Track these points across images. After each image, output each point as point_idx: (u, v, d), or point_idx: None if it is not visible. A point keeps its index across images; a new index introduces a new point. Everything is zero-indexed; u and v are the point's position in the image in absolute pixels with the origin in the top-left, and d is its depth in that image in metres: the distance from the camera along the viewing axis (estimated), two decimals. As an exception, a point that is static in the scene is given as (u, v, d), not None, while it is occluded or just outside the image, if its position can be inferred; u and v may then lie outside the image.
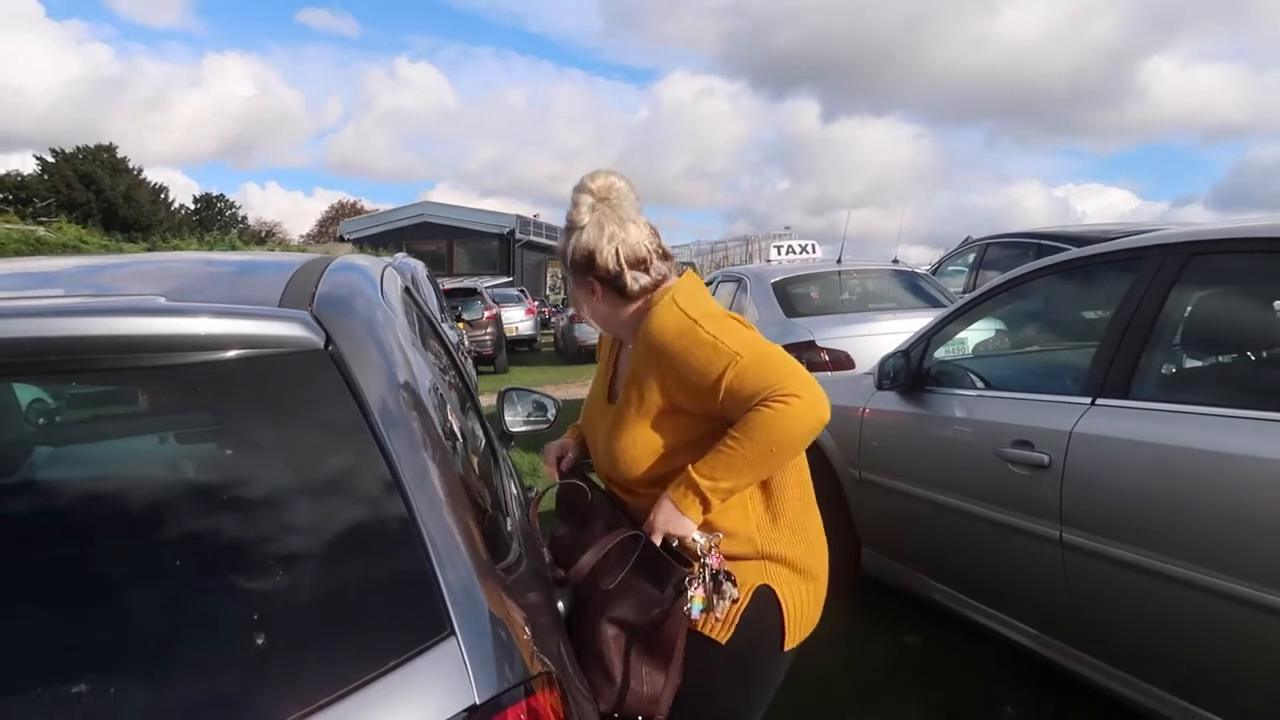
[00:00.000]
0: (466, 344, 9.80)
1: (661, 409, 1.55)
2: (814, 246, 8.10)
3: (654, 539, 1.51)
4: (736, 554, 1.56)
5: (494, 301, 15.68)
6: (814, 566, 1.63)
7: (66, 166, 36.23)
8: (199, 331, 1.00)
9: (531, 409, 2.64)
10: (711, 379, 1.48)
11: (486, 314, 14.13)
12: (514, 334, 17.33)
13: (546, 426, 2.64)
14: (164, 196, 41.24)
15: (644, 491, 1.58)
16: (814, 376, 1.50)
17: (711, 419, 1.53)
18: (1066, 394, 2.44)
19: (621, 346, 1.75)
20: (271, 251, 11.84)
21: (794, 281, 6.27)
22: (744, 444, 1.45)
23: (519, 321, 18.30)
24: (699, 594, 1.44)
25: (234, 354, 1.01)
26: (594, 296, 1.63)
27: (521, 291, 21.88)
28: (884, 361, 3.28)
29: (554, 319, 21.80)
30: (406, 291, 1.78)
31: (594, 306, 1.65)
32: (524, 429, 2.61)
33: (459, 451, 1.25)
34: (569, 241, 1.60)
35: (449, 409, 1.36)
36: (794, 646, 1.61)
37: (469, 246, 36.54)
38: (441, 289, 10.57)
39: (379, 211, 41.04)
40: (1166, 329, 2.29)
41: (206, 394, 1.07)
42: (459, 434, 1.34)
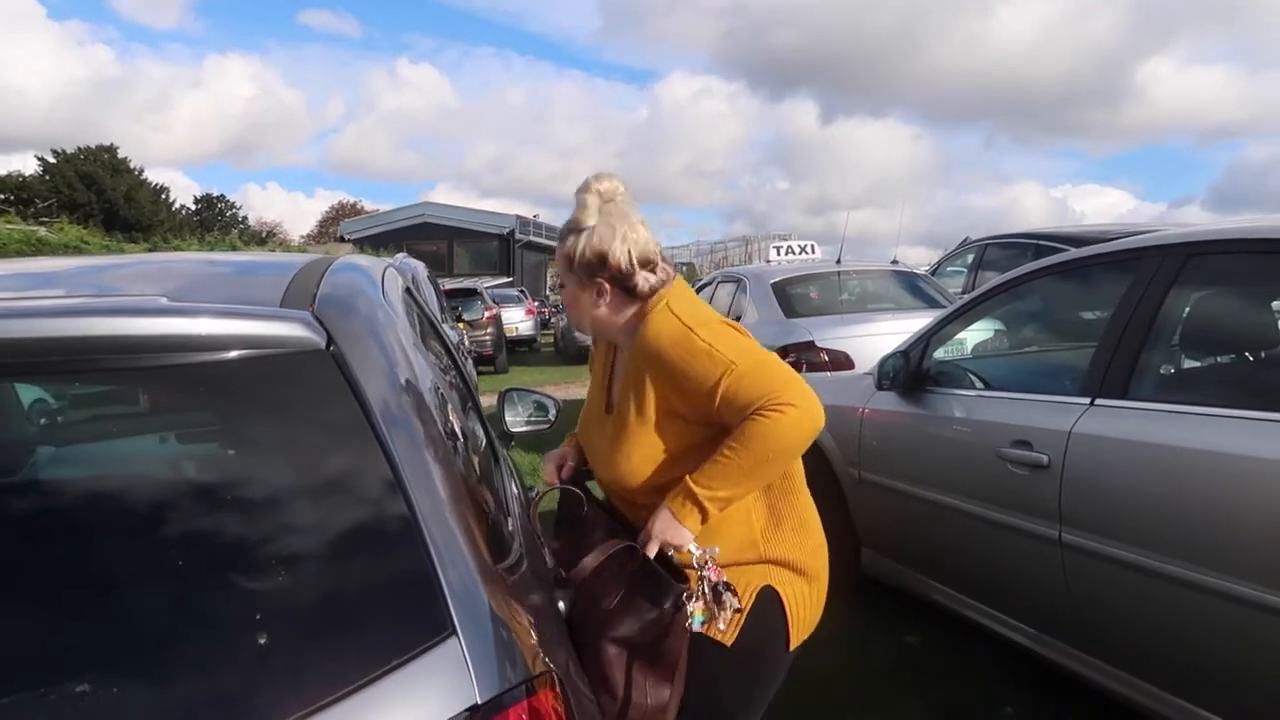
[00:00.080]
0: (467, 344, 9.80)
1: (659, 416, 1.56)
2: (813, 247, 8.10)
3: (650, 548, 1.51)
4: (741, 560, 1.57)
5: (494, 302, 15.68)
6: (815, 566, 1.64)
7: (68, 167, 36.22)
8: (201, 332, 1.00)
9: (532, 409, 2.65)
10: (707, 387, 1.48)
11: (487, 314, 14.13)
12: (514, 334, 17.32)
13: (547, 427, 2.64)
14: (165, 197, 41.24)
15: (645, 501, 1.59)
16: (813, 377, 1.51)
17: (710, 425, 1.53)
18: (1065, 394, 2.45)
19: (616, 356, 1.74)
20: (272, 252, 11.84)
21: (793, 282, 6.27)
22: (741, 453, 1.46)
23: (519, 322, 18.29)
24: (699, 606, 1.45)
25: (236, 354, 1.01)
26: (600, 299, 1.61)
27: (521, 292, 21.87)
28: (883, 362, 3.28)
29: (554, 319, 21.80)
30: (407, 292, 1.78)
31: (597, 310, 1.63)
32: (524, 429, 2.62)
33: (460, 452, 1.26)
34: (577, 242, 1.58)
35: (450, 409, 1.36)
36: (796, 646, 1.62)
37: (469, 247, 36.52)
38: (442, 289, 10.57)
39: (379, 212, 41.00)
40: (1165, 329, 2.29)
41: (208, 394, 1.07)
42: (460, 434, 1.35)
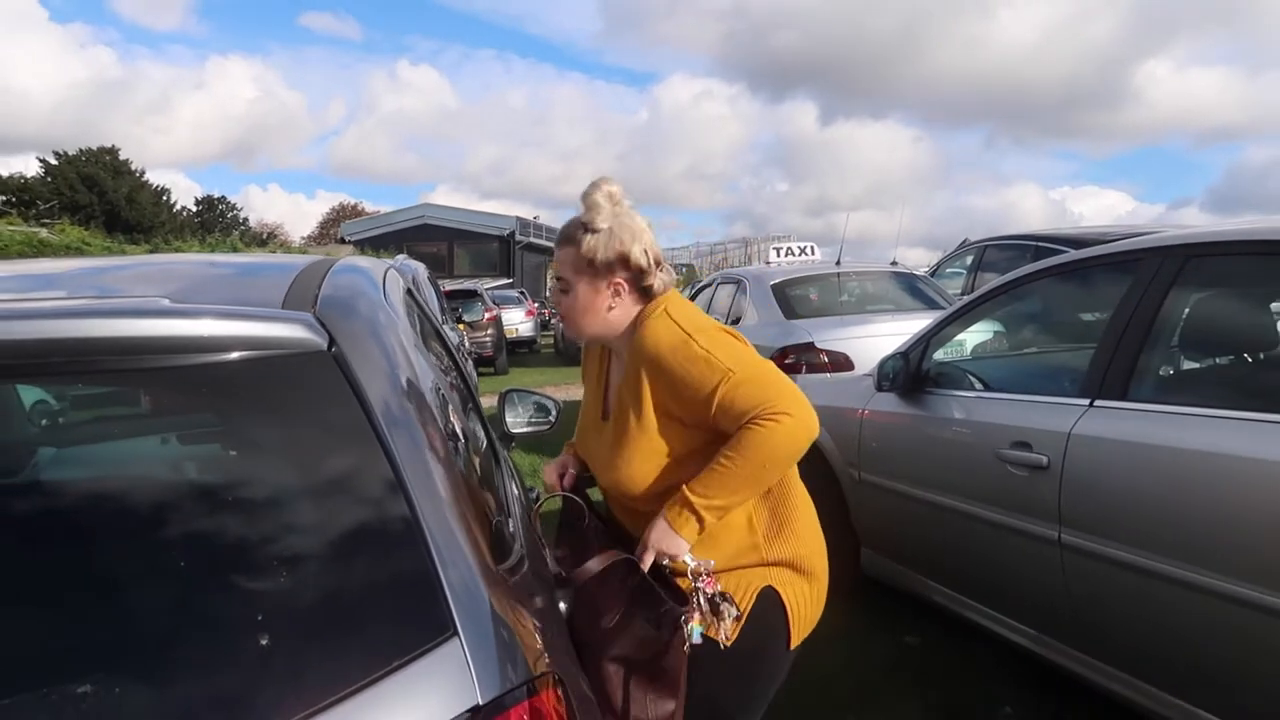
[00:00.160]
0: (467, 345, 9.80)
1: (658, 421, 1.57)
2: (813, 248, 8.10)
3: (646, 558, 1.52)
4: (743, 564, 1.58)
5: (494, 303, 15.68)
6: (815, 565, 1.65)
7: (69, 169, 36.22)
8: (203, 333, 1.01)
9: (532, 410, 2.65)
10: (705, 394, 1.50)
11: (487, 315, 14.13)
12: (514, 335, 17.32)
13: (548, 428, 2.64)
14: (166, 199, 41.24)
15: (646, 508, 1.59)
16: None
17: (708, 430, 1.54)
18: (1065, 395, 2.45)
19: (611, 362, 1.75)
20: (273, 254, 11.84)
21: (793, 283, 6.27)
22: (737, 461, 1.48)
23: (519, 323, 18.28)
24: (696, 619, 1.46)
25: (237, 355, 1.01)
26: (616, 298, 1.61)
27: (521, 293, 21.87)
28: (883, 363, 3.28)
29: (554, 320, 21.79)
30: (408, 293, 1.78)
31: (610, 311, 1.62)
32: (525, 430, 2.62)
33: (461, 453, 1.26)
34: (595, 241, 1.57)
35: (451, 410, 1.37)
36: (797, 645, 1.63)
37: (469, 248, 36.52)
38: (442, 290, 10.57)
39: (380, 213, 41.02)
40: (1164, 331, 2.30)
41: (210, 395, 1.07)
42: (461, 435, 1.35)
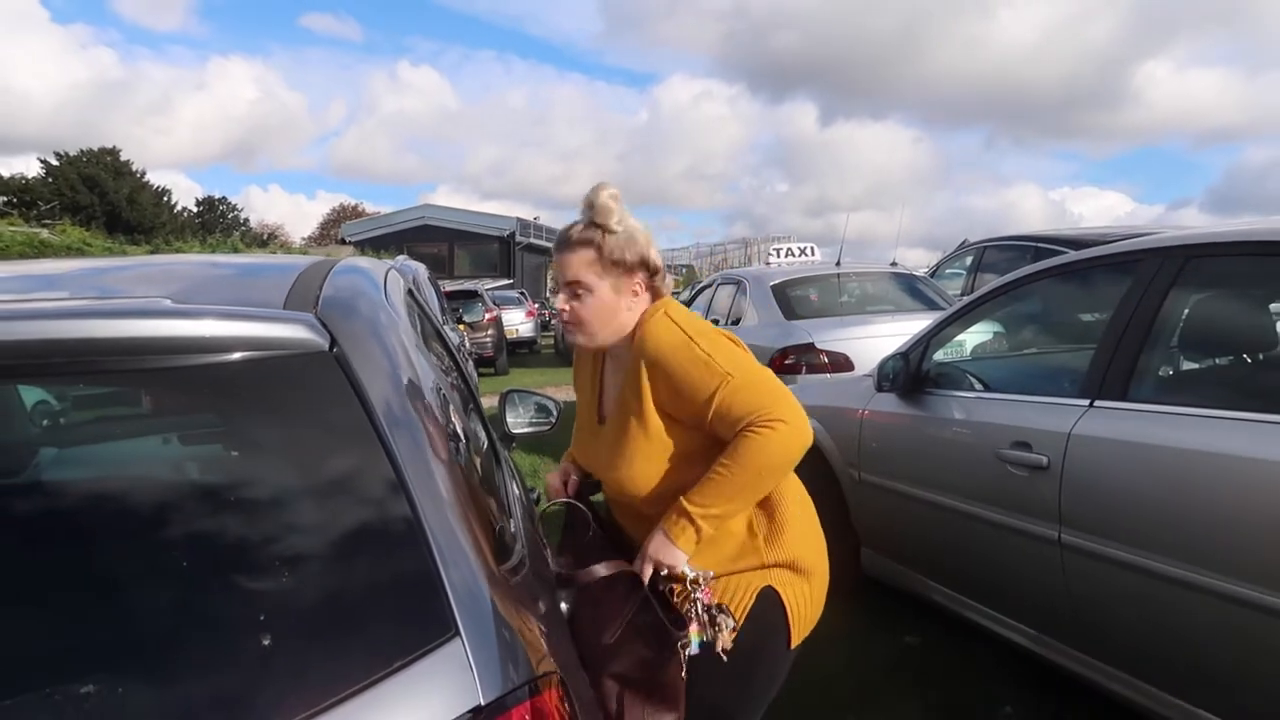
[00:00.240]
0: (467, 346, 9.80)
1: (659, 422, 1.58)
2: (813, 249, 8.11)
3: (645, 569, 1.53)
4: (744, 567, 1.59)
5: (495, 304, 15.68)
6: (815, 565, 1.66)
7: (70, 169, 36.22)
8: (204, 334, 1.01)
9: (533, 411, 2.65)
10: (703, 397, 1.51)
11: (487, 316, 14.13)
12: (514, 336, 17.32)
13: (548, 428, 2.64)
14: (167, 199, 41.24)
15: (649, 511, 1.60)
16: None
17: (706, 431, 1.56)
18: (1065, 396, 2.45)
19: (606, 366, 1.75)
20: (274, 254, 11.85)
21: (793, 284, 6.27)
22: (733, 470, 1.49)
23: (519, 324, 18.28)
24: (694, 629, 1.48)
25: (239, 356, 1.02)
26: (635, 299, 1.62)
27: (522, 294, 21.86)
28: (883, 364, 3.28)
29: (554, 321, 21.78)
30: (409, 294, 1.79)
31: (628, 313, 1.62)
32: (526, 430, 2.62)
33: (462, 453, 1.26)
34: (615, 242, 1.58)
35: (452, 410, 1.37)
36: (798, 644, 1.64)
37: (470, 249, 36.51)
38: (442, 291, 10.57)
39: (380, 214, 41.00)
40: (1164, 331, 2.30)
41: (212, 396, 1.08)
42: (462, 435, 1.35)
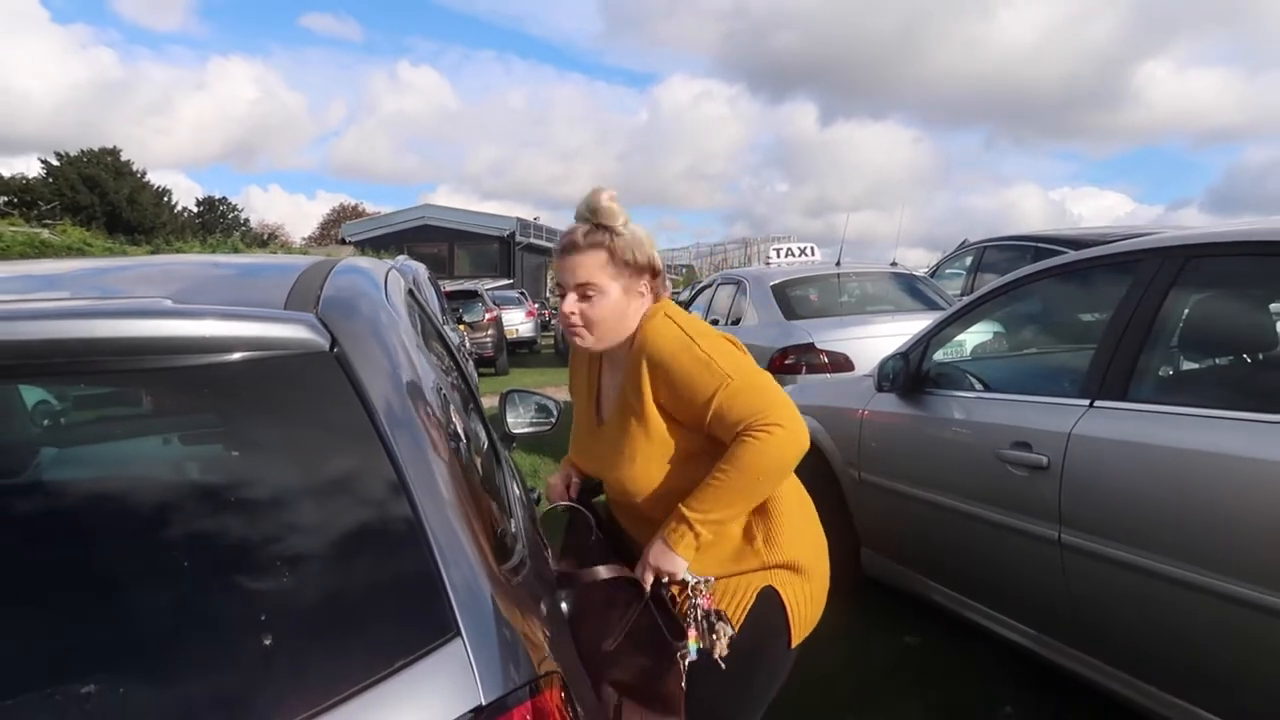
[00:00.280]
0: (468, 346, 9.80)
1: (661, 422, 1.58)
2: (813, 249, 8.11)
3: (646, 577, 1.54)
4: (744, 569, 1.60)
5: (495, 304, 15.67)
6: (815, 564, 1.66)
7: (71, 170, 36.22)
8: (205, 334, 1.01)
9: (533, 411, 2.65)
10: (703, 398, 1.52)
11: (487, 316, 14.12)
12: (514, 336, 17.32)
13: (549, 428, 2.64)
14: (167, 199, 41.23)
15: (651, 512, 1.60)
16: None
17: (704, 433, 1.56)
18: (1065, 396, 2.45)
19: (603, 368, 1.75)
20: (274, 254, 11.85)
21: (793, 284, 6.27)
22: (731, 475, 1.49)
23: (519, 324, 18.27)
24: (693, 635, 1.49)
25: (240, 356, 1.02)
26: (640, 300, 1.63)
27: (522, 294, 21.85)
28: (883, 364, 3.28)
29: (554, 321, 21.78)
30: (410, 294, 1.79)
31: (630, 313, 1.63)
32: (526, 430, 2.62)
33: (463, 453, 1.26)
34: (625, 243, 1.59)
35: (453, 410, 1.37)
36: (799, 643, 1.64)
37: (470, 249, 36.48)
38: (443, 291, 10.56)
39: (380, 214, 40.98)
40: (1164, 331, 2.30)
41: (212, 396, 1.08)
42: (463, 435, 1.35)
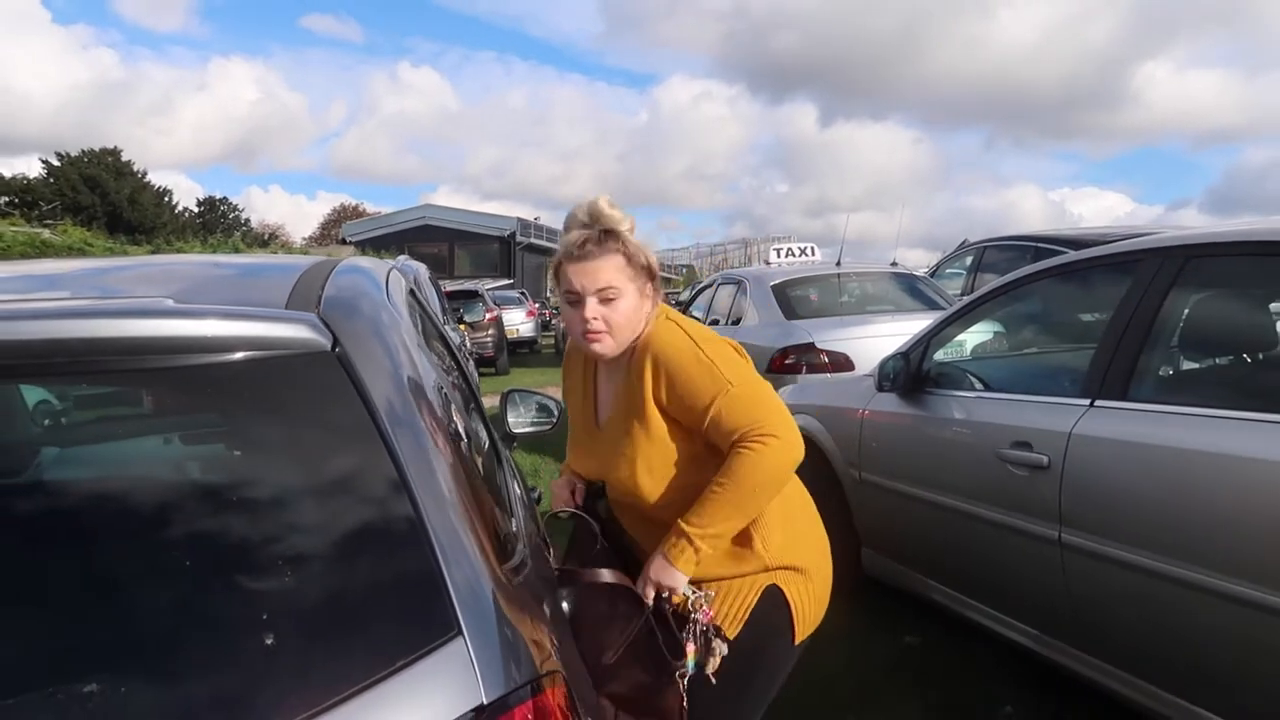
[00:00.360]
0: (468, 345, 9.80)
1: (663, 423, 1.59)
2: (813, 249, 8.11)
3: (648, 591, 1.54)
4: (748, 570, 1.60)
5: (495, 304, 15.67)
6: (818, 564, 1.68)
7: (71, 170, 36.23)
8: (207, 333, 1.01)
9: (534, 410, 2.65)
10: (703, 404, 1.53)
11: (488, 316, 14.13)
12: (515, 336, 17.32)
13: (549, 428, 2.64)
14: (168, 200, 41.27)
15: (655, 513, 1.61)
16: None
17: (701, 436, 1.57)
18: (1065, 396, 2.45)
19: (598, 371, 1.75)
20: (276, 254, 11.85)
21: (793, 284, 6.27)
22: (728, 487, 1.50)
23: (520, 323, 18.27)
24: (691, 650, 1.50)
25: (242, 356, 1.02)
26: (648, 303, 1.63)
27: (522, 294, 21.84)
28: (884, 363, 3.28)
29: (554, 321, 21.77)
30: (411, 294, 1.79)
31: (641, 316, 1.63)
32: (527, 430, 2.62)
33: (465, 452, 1.26)
34: (633, 247, 1.60)
35: (454, 410, 1.37)
36: (803, 640, 1.66)
37: (470, 249, 36.48)
38: (443, 291, 10.56)
39: (381, 214, 40.99)
40: (1164, 331, 2.30)
41: (214, 395, 1.08)
42: (464, 435, 1.35)
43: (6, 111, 64.78)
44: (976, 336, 3.56)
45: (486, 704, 0.85)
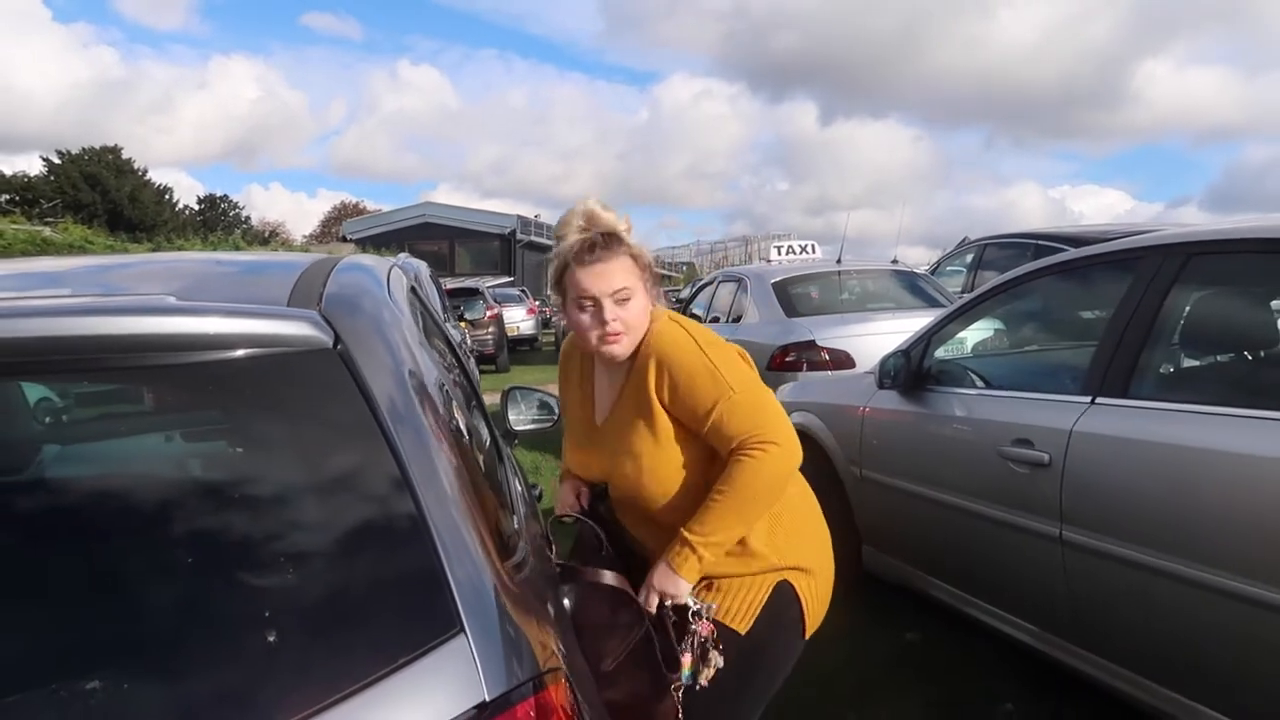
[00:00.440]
0: (469, 343, 9.80)
1: (668, 424, 1.59)
2: (814, 247, 8.11)
3: (651, 599, 1.55)
4: (753, 570, 1.61)
5: (496, 301, 15.68)
6: (821, 563, 1.70)
7: (72, 168, 36.25)
8: (209, 331, 1.01)
9: (535, 408, 2.66)
10: (704, 407, 1.53)
11: (488, 313, 14.14)
12: (515, 333, 17.32)
13: (550, 425, 2.65)
14: (168, 197, 41.32)
15: (659, 513, 1.61)
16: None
17: (701, 438, 1.58)
18: (1066, 393, 2.45)
19: (596, 371, 1.75)
20: (276, 252, 11.85)
21: (794, 281, 6.28)
22: (729, 494, 1.51)
23: (520, 321, 18.27)
24: (688, 661, 1.50)
25: (243, 353, 1.01)
26: (649, 299, 1.63)
27: (523, 291, 21.84)
28: (884, 361, 3.28)
29: (555, 319, 21.76)
30: (412, 291, 1.79)
31: (648, 314, 1.62)
32: (528, 427, 2.63)
33: (466, 450, 1.26)
34: (639, 249, 1.60)
35: (455, 407, 1.37)
36: (809, 635, 1.67)
37: (470, 247, 36.50)
38: (444, 289, 10.57)
39: (381, 212, 40.98)
40: (1165, 329, 2.30)
41: (215, 393, 1.07)
42: (465, 432, 1.35)
43: (7, 110, 64.85)
44: (977, 334, 3.56)
45: (489, 701, 0.85)
